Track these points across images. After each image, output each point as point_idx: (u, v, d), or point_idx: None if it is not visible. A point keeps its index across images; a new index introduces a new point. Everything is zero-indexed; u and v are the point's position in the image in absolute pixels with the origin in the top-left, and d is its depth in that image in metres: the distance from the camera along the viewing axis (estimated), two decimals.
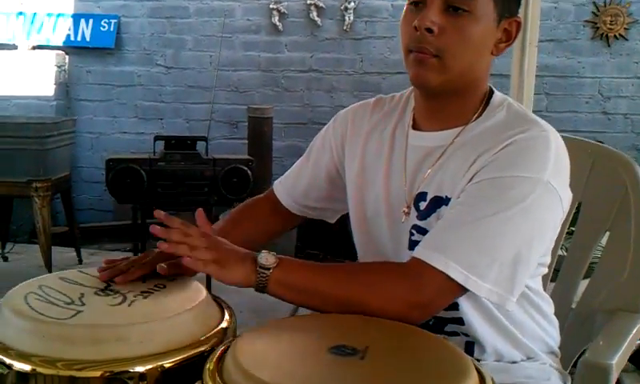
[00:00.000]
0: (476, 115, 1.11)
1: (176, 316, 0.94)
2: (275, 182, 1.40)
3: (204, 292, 1.05)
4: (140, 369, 0.85)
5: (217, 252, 1.01)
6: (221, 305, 1.10)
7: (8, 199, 3.91)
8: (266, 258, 1.00)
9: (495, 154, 1.02)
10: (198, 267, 0.98)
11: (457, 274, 0.96)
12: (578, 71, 4.82)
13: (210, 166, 3.55)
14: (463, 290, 0.98)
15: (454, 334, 1.14)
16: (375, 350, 0.85)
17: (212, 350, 0.92)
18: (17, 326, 0.90)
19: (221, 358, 0.86)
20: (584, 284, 1.47)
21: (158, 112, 5.26)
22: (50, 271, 3.62)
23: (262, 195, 1.42)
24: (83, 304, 0.96)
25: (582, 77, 4.79)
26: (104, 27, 5.10)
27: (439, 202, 1.08)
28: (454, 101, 1.11)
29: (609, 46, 4.82)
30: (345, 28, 5.00)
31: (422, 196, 1.11)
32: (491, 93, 1.14)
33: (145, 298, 1.00)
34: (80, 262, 4.10)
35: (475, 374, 0.82)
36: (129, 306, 0.97)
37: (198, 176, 3.54)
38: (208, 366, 0.83)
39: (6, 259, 4.10)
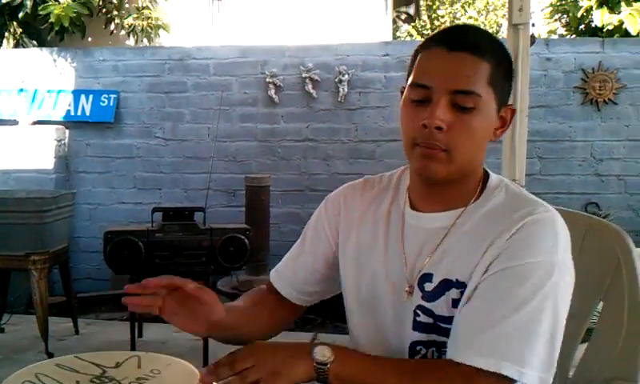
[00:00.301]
0: (474, 197, 1.14)
1: None
2: (272, 273, 1.38)
3: (197, 377, 1.05)
4: None
5: (265, 364, 0.97)
6: None
7: (5, 272, 3.90)
8: (322, 352, 0.98)
9: (508, 241, 1.03)
10: (276, 369, 0.95)
11: (512, 371, 0.98)
12: (569, 135, 4.90)
13: (207, 236, 3.57)
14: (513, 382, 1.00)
15: None
16: None
17: None
18: None
19: None
20: (582, 348, 1.47)
21: (156, 182, 5.32)
22: (46, 343, 3.61)
23: (262, 287, 1.40)
24: None
25: (573, 140, 4.87)
26: (104, 102, 5.22)
27: (448, 284, 1.09)
28: (454, 186, 1.12)
29: (599, 110, 4.92)
30: (339, 99, 5.11)
31: (427, 277, 1.11)
32: (486, 175, 1.17)
33: None
34: (77, 332, 4.07)
35: None
36: None
37: (196, 246, 3.55)
38: None
39: (2, 330, 4.06)
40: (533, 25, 3.59)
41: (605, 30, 5.70)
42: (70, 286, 4.03)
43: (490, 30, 14.27)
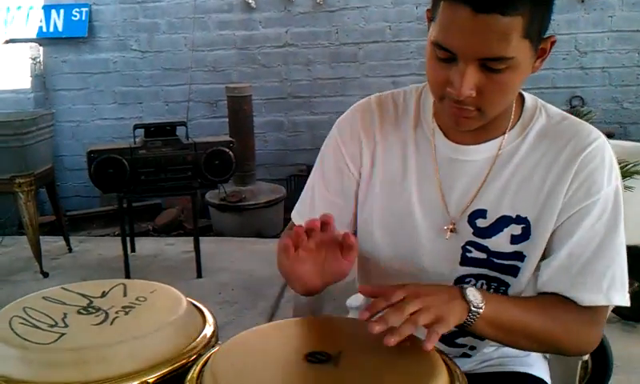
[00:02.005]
0: (511, 124, 1.09)
1: (157, 331, 0.97)
2: (300, 220, 1.20)
3: (184, 302, 1.08)
4: None
5: (432, 307, 0.92)
6: (202, 311, 1.12)
7: None
8: (474, 295, 0.96)
9: (573, 182, 1.04)
10: (433, 338, 0.89)
11: (620, 298, 1.05)
12: (552, 28, 4.77)
13: (191, 151, 3.57)
14: None
15: (462, 345, 1.19)
16: (348, 355, 0.88)
17: (196, 359, 0.95)
18: (3, 353, 0.93)
19: (200, 373, 0.89)
20: None
21: (136, 97, 5.24)
22: (40, 262, 3.68)
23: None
24: (66, 325, 0.99)
25: (557, 34, 4.66)
26: (75, 16, 5.05)
27: (507, 220, 1.07)
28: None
29: (582, 1, 4.82)
30: (318, 1, 4.97)
31: (479, 213, 1.08)
32: (521, 97, 1.12)
33: (126, 313, 1.03)
34: (70, 250, 4.14)
35: (445, 373, 0.86)
36: (111, 324, 1.00)
37: (180, 161, 3.56)
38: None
39: None
40: None
41: None
42: (58, 205, 4.05)
43: None
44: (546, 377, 1.26)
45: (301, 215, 1.24)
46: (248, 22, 5.08)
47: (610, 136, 4.45)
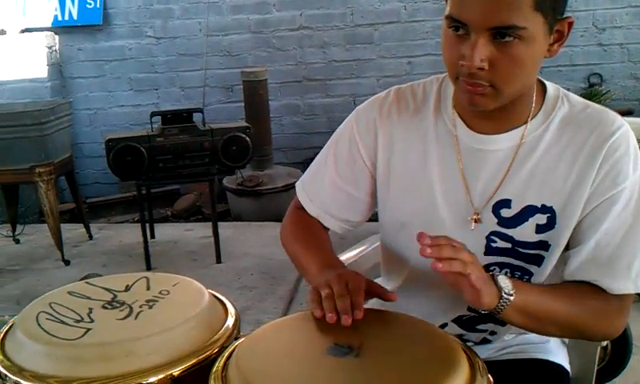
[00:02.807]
0: (533, 112, 1.09)
1: (181, 324, 0.98)
2: (309, 205, 1.27)
3: (206, 294, 1.09)
4: (151, 380, 0.90)
5: (481, 271, 0.95)
6: (223, 302, 1.14)
7: (13, 186, 3.96)
8: (505, 282, 0.97)
9: (599, 172, 1.04)
10: (478, 283, 0.93)
11: None
12: (570, 5, 4.72)
13: (208, 137, 3.59)
14: None
15: (483, 330, 1.21)
16: (370, 347, 0.89)
17: (219, 351, 0.97)
18: (30, 349, 0.95)
19: (225, 366, 0.91)
20: None
21: (152, 83, 5.27)
22: (61, 250, 3.73)
23: (302, 211, 1.29)
24: (92, 320, 1.01)
25: (575, 10, 4.73)
26: (90, 4, 5.08)
27: (532, 210, 1.07)
28: (512, 105, 1.06)
29: None
30: None
31: (503, 203, 1.09)
32: (543, 86, 1.11)
33: (150, 307, 1.05)
34: (90, 237, 4.19)
35: (466, 363, 0.87)
36: (135, 318, 1.01)
37: (198, 148, 3.58)
38: (212, 378, 0.88)
39: (18, 242, 4.18)
40: None
41: None
42: (78, 193, 4.10)
43: None
44: (565, 363, 1.27)
45: (310, 199, 1.28)
46: (262, 6, 5.07)
47: (629, 113, 4.40)
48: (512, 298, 0.96)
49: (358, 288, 0.98)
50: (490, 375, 0.88)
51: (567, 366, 1.27)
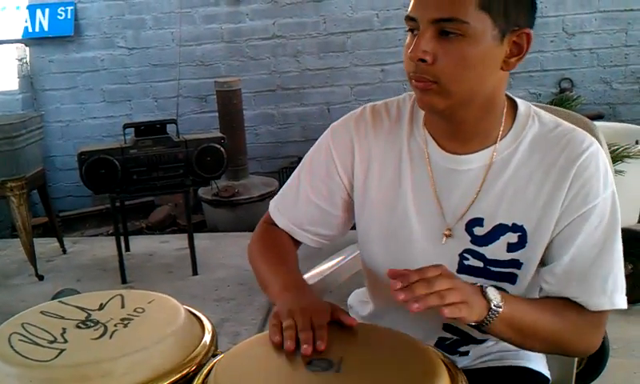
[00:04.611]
0: (503, 131, 1.09)
1: (158, 343, 0.97)
2: (280, 220, 1.27)
3: (182, 311, 1.08)
4: None
5: (461, 291, 0.94)
6: (200, 318, 1.12)
7: None
8: (494, 294, 0.97)
9: (570, 190, 1.05)
10: (456, 314, 0.92)
11: (622, 301, 1.06)
12: (540, 11, 4.77)
13: (182, 148, 3.57)
14: None
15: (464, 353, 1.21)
16: (350, 361, 0.89)
17: (197, 369, 0.95)
18: (3, 372, 0.93)
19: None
20: None
21: (125, 94, 5.22)
22: (35, 265, 3.66)
23: (271, 227, 1.28)
24: (66, 341, 0.99)
25: (545, 16, 4.80)
26: (61, 15, 5.01)
27: (504, 229, 1.08)
28: (473, 120, 1.07)
29: None
30: None
31: (476, 222, 1.09)
32: (514, 104, 1.12)
33: (125, 326, 1.03)
34: (64, 251, 4.12)
35: (447, 376, 0.87)
36: (110, 337, 1.00)
37: (172, 159, 3.55)
38: None
39: None
40: None
41: None
42: (50, 208, 4.03)
43: None
44: (544, 369, 1.27)
45: (281, 213, 1.27)
46: (235, 15, 5.05)
47: (599, 117, 4.47)
48: (500, 309, 0.97)
49: (322, 323, 0.96)
50: None
51: (547, 373, 1.27)
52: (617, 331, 2.09)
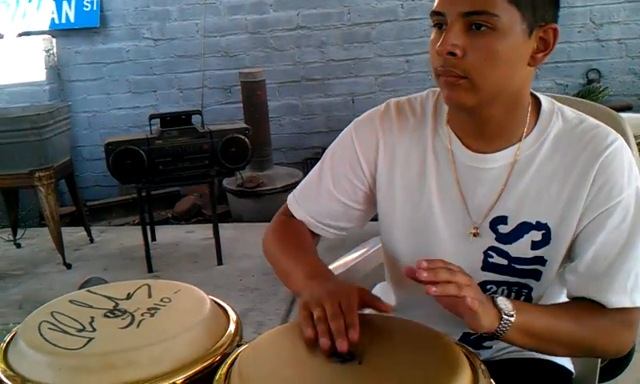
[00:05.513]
0: (527, 129, 1.09)
1: (183, 333, 0.98)
2: (299, 210, 1.27)
3: (208, 301, 1.09)
4: None
5: (477, 291, 0.95)
6: (225, 308, 1.13)
7: (13, 190, 3.96)
8: (505, 303, 0.96)
9: (594, 185, 1.04)
10: (474, 304, 0.91)
11: None
12: (567, 1, 4.75)
13: (207, 139, 3.60)
14: None
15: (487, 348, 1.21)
16: (372, 353, 0.89)
17: (221, 359, 0.97)
18: (33, 359, 0.95)
19: (227, 374, 0.91)
20: None
21: (150, 85, 5.26)
22: (62, 254, 3.73)
23: (289, 218, 1.28)
24: (94, 329, 1.01)
25: (572, 6, 4.73)
26: (87, 7, 5.07)
27: (528, 226, 1.08)
28: (499, 117, 1.07)
29: None
30: None
31: (500, 220, 1.09)
32: (538, 101, 1.12)
33: (152, 315, 1.05)
34: (91, 240, 4.19)
35: (468, 368, 0.87)
36: (137, 327, 1.01)
37: (197, 150, 3.59)
38: None
39: (19, 246, 4.17)
40: None
41: None
42: (78, 197, 4.10)
43: None
44: (567, 363, 1.27)
45: (301, 206, 1.27)
46: (259, 6, 5.06)
47: (628, 108, 4.39)
48: (513, 318, 0.96)
49: (351, 307, 0.96)
50: (492, 379, 0.89)
51: (570, 367, 1.27)
52: None
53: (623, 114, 1.48)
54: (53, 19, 5.11)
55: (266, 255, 1.29)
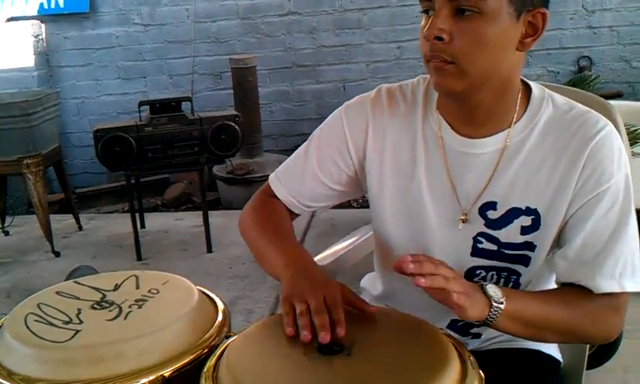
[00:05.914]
0: (517, 115, 1.09)
1: (171, 324, 0.98)
2: (281, 189, 1.28)
3: (196, 292, 1.09)
4: (141, 381, 0.90)
5: (463, 284, 0.95)
6: (213, 299, 1.13)
7: (1, 177, 3.93)
8: (494, 291, 0.97)
9: (583, 171, 1.04)
10: (460, 300, 0.92)
11: (636, 286, 1.05)
12: None
13: (197, 126, 3.58)
14: None
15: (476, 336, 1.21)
16: (361, 345, 0.89)
17: (210, 350, 0.96)
18: (19, 352, 0.94)
19: (216, 366, 0.90)
20: None
21: (140, 71, 5.22)
22: (51, 242, 3.71)
23: (269, 198, 1.30)
24: (81, 322, 1.00)
25: None
26: None
27: (517, 212, 1.08)
28: (488, 103, 1.06)
29: None
30: None
31: (489, 205, 1.09)
32: (528, 88, 1.11)
33: (140, 307, 1.04)
34: (80, 228, 4.17)
35: (457, 359, 0.87)
36: (125, 319, 1.01)
37: (187, 137, 3.56)
38: (203, 378, 0.88)
39: (7, 233, 4.14)
40: None
41: None
42: (67, 184, 4.07)
43: None
44: (556, 352, 1.27)
45: (283, 185, 1.28)
46: None
47: (618, 96, 4.40)
48: (503, 306, 0.96)
49: (336, 302, 0.95)
50: (480, 370, 0.89)
51: (558, 356, 1.27)
52: (630, 312, 2.07)
53: (613, 102, 1.47)
54: (42, 4, 5.04)
55: (242, 234, 1.28)
